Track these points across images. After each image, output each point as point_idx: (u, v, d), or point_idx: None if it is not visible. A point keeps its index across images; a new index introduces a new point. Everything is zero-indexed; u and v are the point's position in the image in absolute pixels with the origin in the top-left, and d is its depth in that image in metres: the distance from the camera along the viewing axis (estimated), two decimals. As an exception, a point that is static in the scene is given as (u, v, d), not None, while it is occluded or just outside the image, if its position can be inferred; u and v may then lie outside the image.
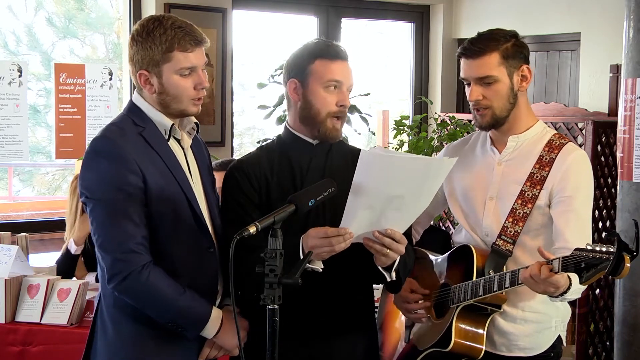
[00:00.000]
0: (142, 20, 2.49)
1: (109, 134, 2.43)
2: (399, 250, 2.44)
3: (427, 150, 5.02)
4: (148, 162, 2.41)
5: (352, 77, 2.62)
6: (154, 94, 2.46)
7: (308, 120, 2.60)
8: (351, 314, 2.65)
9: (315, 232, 2.38)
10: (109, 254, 2.37)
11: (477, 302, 2.64)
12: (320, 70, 2.57)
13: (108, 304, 2.47)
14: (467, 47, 2.69)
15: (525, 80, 2.71)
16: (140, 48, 2.43)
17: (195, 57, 2.44)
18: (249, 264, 2.31)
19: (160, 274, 2.39)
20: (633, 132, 3.79)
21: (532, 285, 2.41)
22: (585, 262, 2.26)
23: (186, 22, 2.46)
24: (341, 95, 2.59)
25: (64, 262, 3.90)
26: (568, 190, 2.62)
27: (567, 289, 2.38)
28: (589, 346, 4.56)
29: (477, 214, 2.76)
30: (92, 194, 2.39)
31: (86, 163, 2.42)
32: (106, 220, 2.37)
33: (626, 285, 3.90)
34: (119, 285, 2.37)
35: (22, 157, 4.85)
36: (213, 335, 2.49)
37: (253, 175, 2.60)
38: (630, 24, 3.83)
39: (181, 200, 2.45)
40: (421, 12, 6.81)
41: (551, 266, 2.34)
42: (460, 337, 2.66)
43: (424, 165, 2.39)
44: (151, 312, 2.42)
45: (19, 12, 7.26)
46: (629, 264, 2.21)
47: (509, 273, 2.53)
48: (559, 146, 2.68)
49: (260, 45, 6.84)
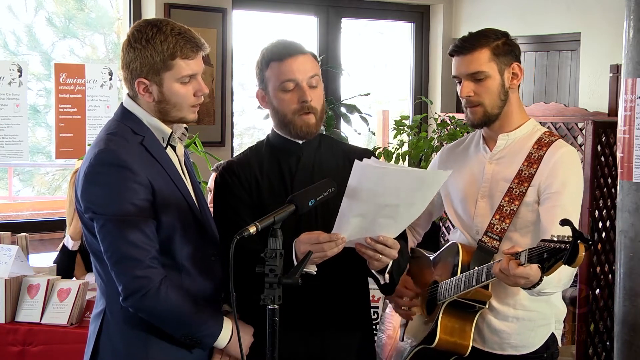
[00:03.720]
0: (138, 25, 2.39)
1: (113, 145, 2.33)
2: (392, 255, 2.44)
3: (427, 150, 5.02)
4: (154, 172, 2.35)
5: (310, 68, 2.56)
6: (153, 102, 2.38)
7: (281, 124, 2.60)
8: (345, 312, 2.65)
9: (307, 237, 2.37)
10: (126, 272, 2.28)
11: (462, 299, 2.65)
12: (273, 75, 2.56)
13: (117, 320, 2.39)
14: (458, 45, 2.72)
15: (516, 78, 2.72)
16: (139, 55, 2.33)
17: (195, 64, 2.38)
18: (247, 264, 2.32)
19: (176, 288, 2.33)
20: (633, 132, 3.79)
21: (503, 278, 2.41)
22: (547, 252, 2.26)
23: (185, 28, 2.39)
24: (300, 92, 2.54)
25: (61, 260, 3.88)
26: (555, 187, 2.63)
27: (539, 280, 2.37)
28: (589, 346, 4.56)
29: (469, 213, 2.77)
30: (101, 209, 2.29)
31: (91, 177, 2.31)
32: (119, 237, 2.27)
33: (626, 285, 3.90)
34: (138, 303, 2.29)
35: (22, 157, 4.85)
36: (225, 345, 2.44)
37: (243, 176, 2.59)
38: (630, 24, 3.83)
39: (185, 210, 2.41)
40: (421, 12, 6.82)
41: (518, 260, 2.34)
42: (445, 333, 2.67)
43: (417, 178, 2.39)
44: (168, 327, 2.36)
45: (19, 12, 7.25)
46: (583, 252, 2.21)
47: (485, 267, 2.53)
48: (548, 143, 2.69)
49: (261, 45, 6.82)
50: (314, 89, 2.56)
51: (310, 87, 2.55)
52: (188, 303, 2.35)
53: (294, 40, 2.61)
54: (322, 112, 2.61)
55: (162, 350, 2.40)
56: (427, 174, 2.51)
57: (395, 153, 5.04)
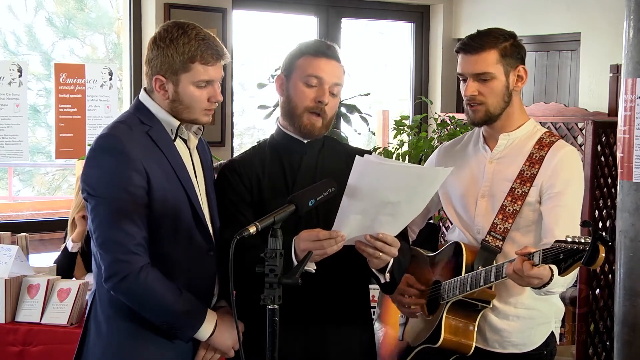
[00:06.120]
0: (166, 24, 2.47)
1: (115, 131, 2.41)
2: (392, 253, 2.44)
3: (427, 150, 5.01)
4: (153, 161, 2.40)
5: (338, 76, 2.60)
6: (167, 100, 2.45)
7: (288, 115, 2.62)
8: (346, 310, 2.65)
9: (307, 235, 2.38)
10: (108, 254, 2.36)
11: (466, 298, 2.66)
12: (303, 65, 2.58)
13: (103, 303, 2.47)
14: (466, 43, 2.72)
15: (521, 81, 2.74)
16: (161, 53, 2.41)
17: (214, 70, 2.44)
18: (245, 264, 2.32)
19: (158, 275, 2.38)
20: (633, 132, 3.79)
21: (516, 279, 2.43)
22: (563, 253, 2.28)
23: (209, 34, 2.46)
24: (320, 92, 2.56)
25: (61, 260, 3.90)
26: (557, 186, 2.64)
27: (549, 280, 2.39)
28: (589, 346, 4.56)
29: (469, 212, 2.78)
30: (95, 191, 2.37)
31: (90, 159, 2.41)
32: (107, 220, 2.36)
33: (626, 285, 3.90)
34: (116, 285, 2.36)
35: (22, 157, 4.85)
36: (207, 338, 2.48)
37: (245, 174, 2.60)
38: (630, 24, 3.83)
39: (183, 202, 2.45)
40: (421, 12, 6.82)
41: (532, 261, 2.36)
42: (449, 333, 2.68)
43: (418, 174, 2.39)
44: (146, 313, 2.41)
45: (19, 12, 7.26)
46: (603, 253, 2.23)
47: (494, 267, 2.55)
48: (549, 144, 2.71)
49: (260, 45, 6.84)
50: (332, 97, 2.60)
51: (331, 94, 2.59)
52: (170, 293, 2.39)
53: (335, 45, 2.64)
54: (331, 120, 2.64)
55: (144, 336, 2.44)
56: (427, 171, 2.51)
57: (395, 153, 5.04)
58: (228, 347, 2.52)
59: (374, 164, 2.31)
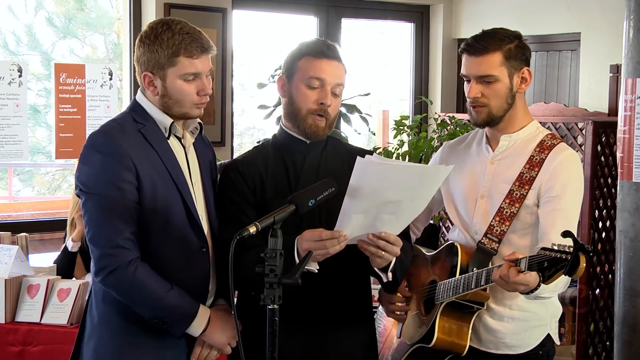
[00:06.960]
0: (152, 22, 2.53)
1: (107, 129, 2.47)
2: (394, 252, 2.44)
3: (427, 150, 5.02)
4: (144, 159, 2.43)
5: (339, 76, 2.61)
6: (157, 96, 2.49)
7: (291, 117, 2.62)
8: (347, 310, 2.65)
9: (309, 234, 2.38)
10: (97, 248, 2.40)
11: (460, 300, 2.66)
12: (304, 67, 2.58)
13: (97, 298, 2.50)
14: (470, 44, 2.70)
15: (525, 83, 2.73)
16: (147, 50, 2.46)
17: (200, 63, 2.47)
18: (246, 264, 2.32)
19: (147, 270, 2.41)
20: (633, 132, 3.79)
21: (502, 285, 2.43)
22: (547, 261, 2.28)
23: (194, 29, 2.49)
24: (322, 93, 2.57)
25: (61, 260, 3.90)
26: (555, 190, 2.63)
27: (537, 286, 2.39)
28: (589, 346, 4.56)
29: (469, 212, 2.78)
30: (86, 187, 2.42)
31: (83, 156, 2.46)
32: (97, 215, 2.40)
33: (626, 285, 3.90)
34: (105, 278, 2.40)
35: (22, 157, 4.85)
36: (200, 334, 2.49)
37: (248, 174, 2.61)
38: (630, 24, 3.83)
39: (175, 199, 2.47)
40: (421, 12, 6.82)
41: (519, 267, 2.36)
42: (443, 333, 2.68)
43: (420, 173, 2.39)
44: (137, 307, 2.43)
45: (19, 12, 7.26)
46: (584, 264, 2.22)
47: (485, 271, 2.54)
48: (550, 147, 2.70)
49: (260, 45, 6.84)
50: (335, 97, 2.60)
51: (333, 94, 2.59)
52: (160, 287, 2.41)
53: (335, 45, 2.64)
54: (334, 120, 2.64)
55: (140, 332, 2.46)
56: (428, 170, 2.51)
57: (395, 153, 5.04)
58: (223, 344, 2.52)
59: (375, 164, 2.32)
